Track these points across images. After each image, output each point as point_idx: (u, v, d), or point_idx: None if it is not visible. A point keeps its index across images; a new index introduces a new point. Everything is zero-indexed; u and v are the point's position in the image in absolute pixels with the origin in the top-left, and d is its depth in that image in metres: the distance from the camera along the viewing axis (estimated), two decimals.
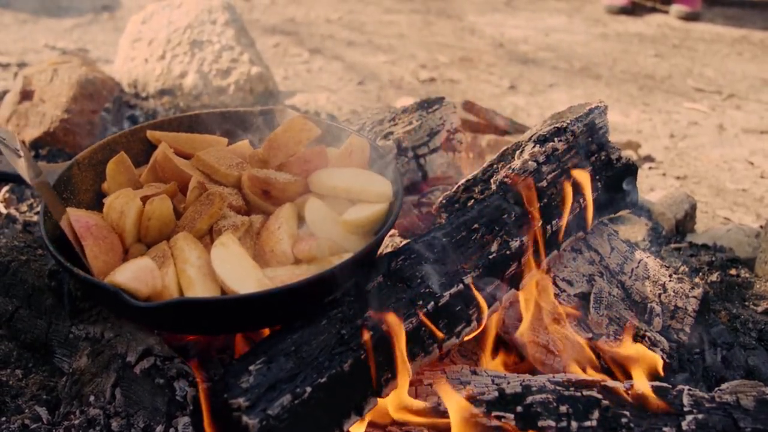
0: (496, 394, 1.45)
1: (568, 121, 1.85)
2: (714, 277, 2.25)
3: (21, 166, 1.58)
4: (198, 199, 1.64)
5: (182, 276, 1.46)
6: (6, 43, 4.45)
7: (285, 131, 1.79)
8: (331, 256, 1.51)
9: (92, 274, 1.49)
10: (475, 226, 1.62)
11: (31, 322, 1.76)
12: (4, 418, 1.58)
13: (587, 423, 1.40)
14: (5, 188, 2.56)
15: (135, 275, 1.38)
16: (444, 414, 1.44)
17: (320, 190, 1.70)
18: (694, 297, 1.84)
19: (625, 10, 5.91)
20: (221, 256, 1.48)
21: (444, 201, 1.78)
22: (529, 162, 1.75)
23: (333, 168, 1.75)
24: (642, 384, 1.49)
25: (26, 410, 1.62)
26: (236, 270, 1.45)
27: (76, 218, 1.57)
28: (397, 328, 1.38)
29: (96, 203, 1.79)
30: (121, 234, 1.59)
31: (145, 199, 1.62)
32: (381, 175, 1.74)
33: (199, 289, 1.44)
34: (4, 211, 2.44)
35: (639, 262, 1.90)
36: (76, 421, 1.53)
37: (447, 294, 1.47)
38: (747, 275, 2.34)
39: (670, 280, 1.86)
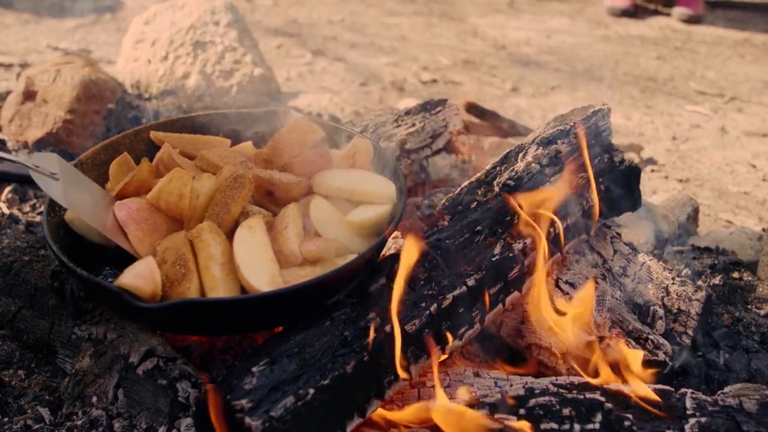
0: (499, 396, 1.45)
1: (571, 124, 1.85)
2: (716, 280, 2.25)
3: (56, 191, 1.55)
4: (224, 185, 1.62)
5: (206, 273, 1.44)
6: (8, 44, 4.45)
7: (290, 132, 1.79)
8: (336, 258, 1.51)
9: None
10: (478, 228, 1.62)
11: (34, 322, 1.77)
12: (6, 419, 1.58)
13: (590, 426, 1.40)
14: (8, 188, 2.56)
15: (135, 273, 1.38)
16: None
17: (324, 192, 1.69)
18: (697, 300, 1.84)
19: (627, 13, 5.91)
20: (245, 239, 1.48)
21: (447, 203, 1.78)
22: (532, 164, 1.75)
23: (337, 169, 1.75)
24: (645, 387, 1.48)
25: (29, 411, 1.62)
26: (255, 259, 1.45)
27: (120, 207, 1.57)
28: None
29: None
30: (180, 214, 1.59)
31: None
32: (384, 177, 1.74)
33: (222, 290, 1.42)
34: (7, 212, 2.44)
35: (642, 265, 1.90)
36: (79, 422, 1.54)
37: (450, 296, 1.47)
38: (749, 278, 2.34)
39: (673, 283, 1.86)
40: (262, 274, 1.42)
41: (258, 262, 1.45)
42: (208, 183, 1.62)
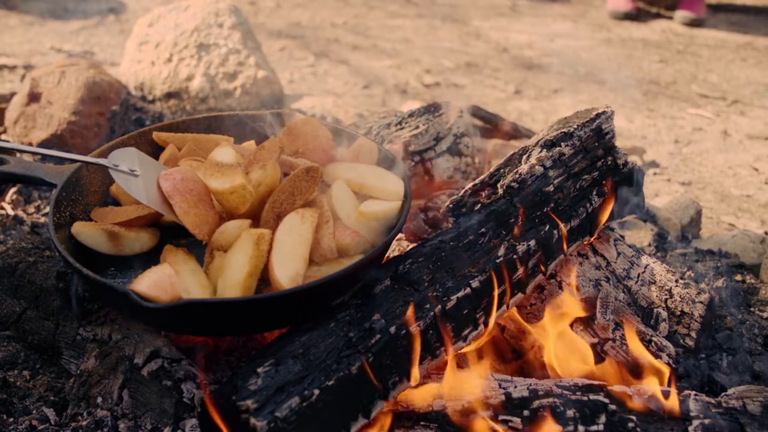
0: (503, 398, 1.45)
1: (575, 126, 1.86)
2: (719, 282, 2.25)
3: (136, 188, 1.53)
4: (295, 175, 1.61)
5: (248, 280, 1.45)
6: (12, 46, 4.46)
7: (305, 124, 1.81)
8: (341, 258, 1.52)
9: (190, 231, 1.50)
10: (482, 230, 1.62)
11: (39, 323, 1.77)
12: (12, 419, 1.59)
13: (594, 427, 1.40)
14: (12, 189, 2.57)
15: (154, 282, 1.36)
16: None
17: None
18: (701, 302, 1.84)
19: (629, 16, 5.92)
20: (292, 226, 1.49)
21: (451, 205, 1.78)
22: (536, 167, 1.75)
23: (348, 162, 1.77)
24: (649, 389, 1.49)
25: (34, 411, 1.62)
26: (289, 251, 1.46)
27: (165, 177, 1.55)
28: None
29: (104, 204, 1.80)
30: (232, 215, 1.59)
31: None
32: (393, 174, 1.75)
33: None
34: (12, 213, 2.45)
35: (645, 267, 1.90)
36: (84, 423, 1.54)
37: (455, 298, 1.48)
38: (752, 281, 2.34)
39: (676, 286, 1.86)
40: (288, 269, 1.43)
41: (290, 255, 1.45)
42: (272, 172, 1.61)
